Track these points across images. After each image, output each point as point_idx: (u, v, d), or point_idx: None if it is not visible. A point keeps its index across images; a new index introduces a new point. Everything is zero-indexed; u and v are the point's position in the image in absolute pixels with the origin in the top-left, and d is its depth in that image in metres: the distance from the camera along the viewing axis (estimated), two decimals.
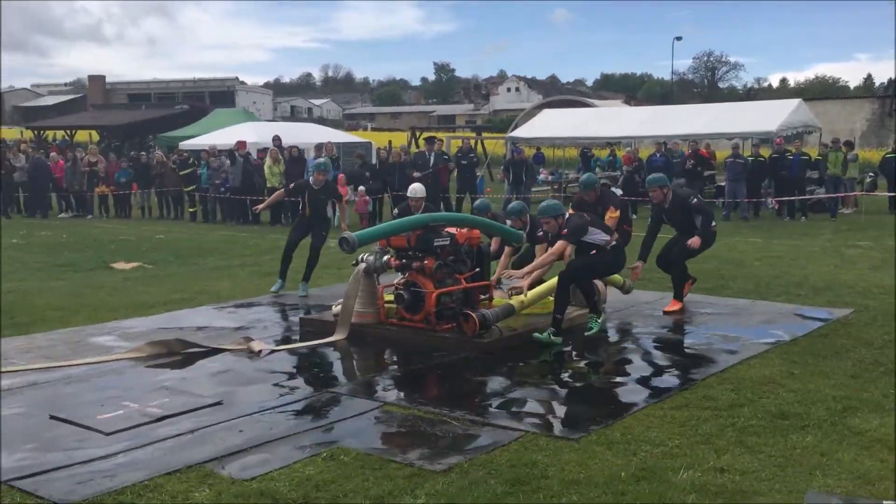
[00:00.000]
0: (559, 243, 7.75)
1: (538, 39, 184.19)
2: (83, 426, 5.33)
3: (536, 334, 7.53)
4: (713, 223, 8.98)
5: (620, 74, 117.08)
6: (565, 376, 6.75)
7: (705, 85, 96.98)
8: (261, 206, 11.50)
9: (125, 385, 6.36)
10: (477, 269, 8.23)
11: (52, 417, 5.53)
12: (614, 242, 7.90)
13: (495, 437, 5.13)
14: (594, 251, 7.80)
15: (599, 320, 7.93)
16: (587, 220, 7.85)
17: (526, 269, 8.11)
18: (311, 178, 10.30)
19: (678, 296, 9.01)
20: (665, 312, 8.79)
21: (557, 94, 68.00)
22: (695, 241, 8.72)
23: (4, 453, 4.88)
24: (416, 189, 9.61)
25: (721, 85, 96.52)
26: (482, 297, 8.05)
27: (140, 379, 6.58)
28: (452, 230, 8.02)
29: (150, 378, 6.59)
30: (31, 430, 5.31)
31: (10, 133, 49.66)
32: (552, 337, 7.49)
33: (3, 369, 6.72)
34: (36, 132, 44.54)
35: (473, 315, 7.36)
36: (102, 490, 4.34)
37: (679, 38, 63.17)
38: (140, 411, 5.61)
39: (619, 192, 16.90)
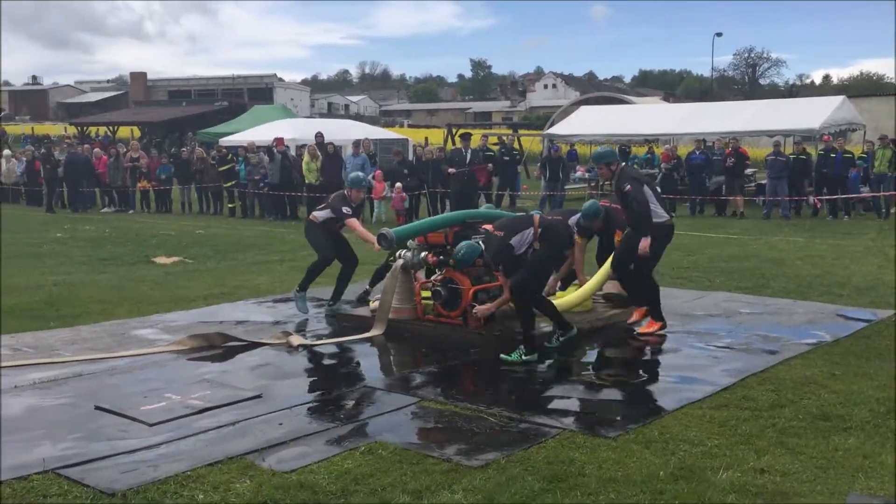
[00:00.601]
0: (507, 284, 7.05)
1: (575, 36, 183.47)
2: (127, 417, 5.45)
3: (503, 355, 6.87)
4: (670, 217, 7.82)
5: (659, 71, 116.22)
6: (602, 375, 6.72)
7: (746, 82, 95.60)
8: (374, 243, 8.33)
9: (167, 377, 6.48)
10: None
11: (97, 408, 5.65)
12: (541, 230, 7.15)
13: (532, 434, 5.14)
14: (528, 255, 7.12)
15: (562, 337, 7.21)
16: (503, 237, 7.07)
17: (490, 305, 7.33)
18: (347, 193, 8.89)
19: (653, 315, 7.85)
20: (639, 332, 7.89)
21: (595, 90, 67.74)
22: (643, 246, 7.48)
23: (50, 443, 5.01)
24: None
25: (762, 82, 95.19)
26: None
27: (181, 371, 6.70)
28: (489, 227, 8.02)
29: (192, 371, 6.71)
30: (77, 420, 5.43)
31: (55, 129, 50.76)
32: (524, 357, 6.82)
33: (51, 360, 6.89)
34: (79, 128, 45.42)
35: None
36: (146, 480, 4.43)
37: (719, 34, 62.31)
38: (182, 403, 5.71)
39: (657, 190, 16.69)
